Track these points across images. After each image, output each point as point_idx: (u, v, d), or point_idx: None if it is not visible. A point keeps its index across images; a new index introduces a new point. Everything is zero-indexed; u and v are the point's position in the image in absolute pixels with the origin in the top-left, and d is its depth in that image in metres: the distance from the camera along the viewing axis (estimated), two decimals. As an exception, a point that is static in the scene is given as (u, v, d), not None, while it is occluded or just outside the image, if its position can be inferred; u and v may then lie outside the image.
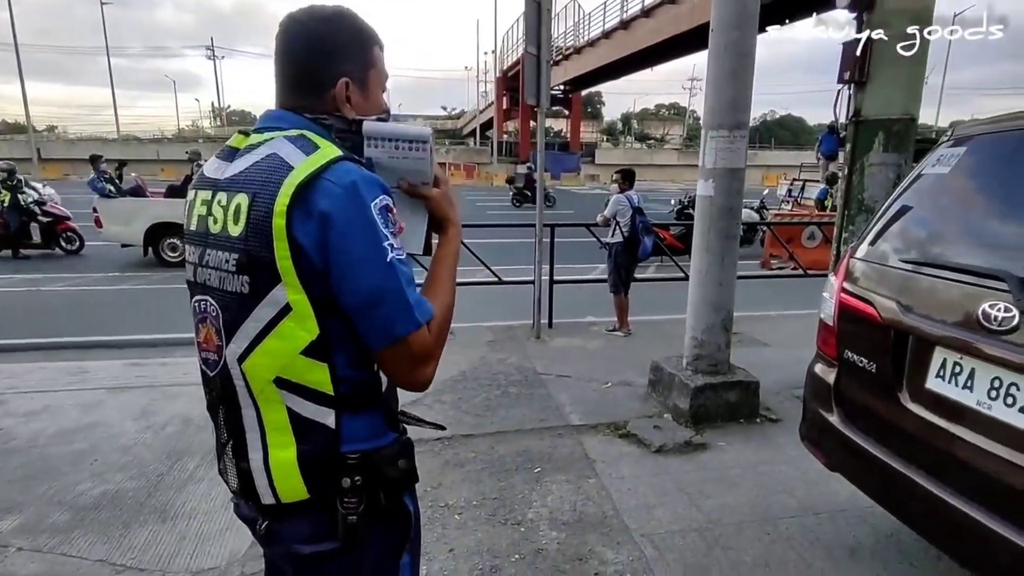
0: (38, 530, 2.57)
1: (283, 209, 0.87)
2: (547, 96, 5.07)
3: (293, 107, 1.01)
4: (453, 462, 3.18)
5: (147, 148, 40.79)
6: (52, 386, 4.40)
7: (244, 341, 0.94)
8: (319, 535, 0.98)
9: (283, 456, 0.96)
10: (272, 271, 0.89)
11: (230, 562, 2.36)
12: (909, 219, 2.10)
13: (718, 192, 3.57)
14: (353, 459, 0.96)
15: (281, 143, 0.94)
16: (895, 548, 2.46)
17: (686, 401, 3.61)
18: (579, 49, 33.39)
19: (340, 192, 0.88)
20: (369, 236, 0.88)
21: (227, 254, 0.93)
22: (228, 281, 0.94)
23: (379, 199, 0.91)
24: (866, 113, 3.72)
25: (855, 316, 2.11)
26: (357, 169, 0.91)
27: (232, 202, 0.93)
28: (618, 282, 5.59)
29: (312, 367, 0.93)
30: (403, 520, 1.06)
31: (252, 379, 0.96)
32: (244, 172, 0.94)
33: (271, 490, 0.97)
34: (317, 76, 1.00)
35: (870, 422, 2.02)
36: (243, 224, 0.90)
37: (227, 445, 1.03)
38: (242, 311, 0.94)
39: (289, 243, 0.87)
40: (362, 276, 0.89)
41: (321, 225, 0.87)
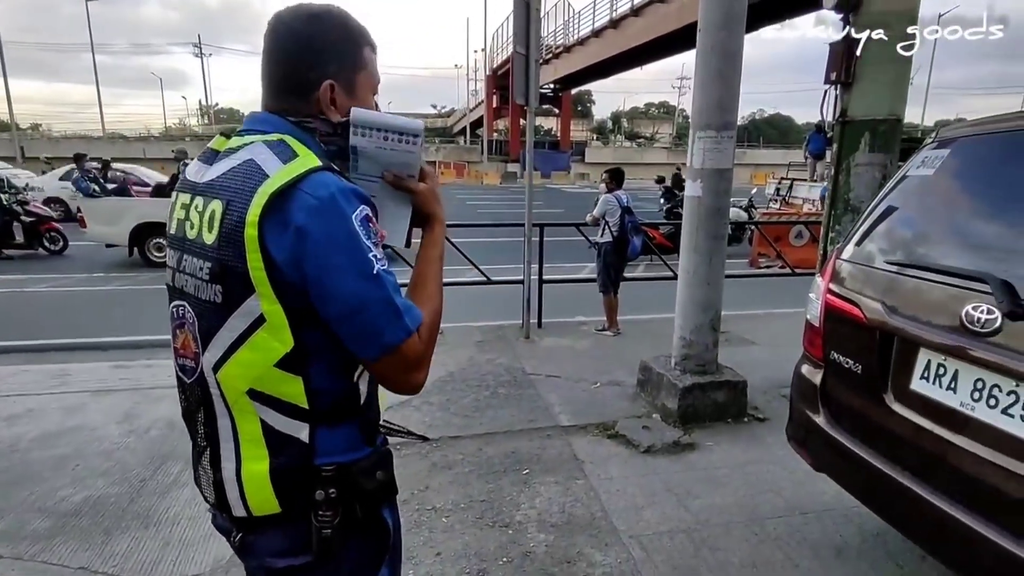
0: (18, 537, 2.53)
1: (255, 219, 0.84)
2: (536, 95, 5.05)
3: (278, 109, 0.98)
4: (441, 464, 3.16)
5: (133, 146, 40.32)
6: (35, 389, 4.33)
7: (219, 350, 0.92)
8: (292, 549, 0.96)
9: (256, 469, 0.94)
10: (245, 281, 0.86)
11: (214, 568, 2.33)
12: (894, 220, 2.11)
13: (706, 192, 3.58)
14: (328, 471, 0.94)
15: (259, 148, 0.90)
16: (881, 548, 2.47)
17: (674, 401, 3.61)
18: (569, 48, 33.43)
19: (318, 205, 0.84)
20: (352, 249, 0.85)
21: (201, 261, 0.91)
22: (202, 289, 0.91)
23: (359, 210, 0.88)
24: (852, 114, 3.74)
25: (841, 317, 2.12)
26: (336, 180, 0.88)
27: (208, 208, 0.90)
28: (607, 282, 5.59)
29: (286, 379, 0.91)
30: (381, 533, 1.03)
31: (226, 389, 0.93)
32: (221, 177, 0.91)
33: (242, 502, 0.95)
34: (302, 77, 0.96)
35: (856, 423, 2.03)
36: (216, 232, 0.88)
37: (202, 454, 1.01)
38: (216, 320, 0.91)
39: (262, 254, 0.84)
40: (348, 290, 0.86)
41: (298, 239, 0.84)
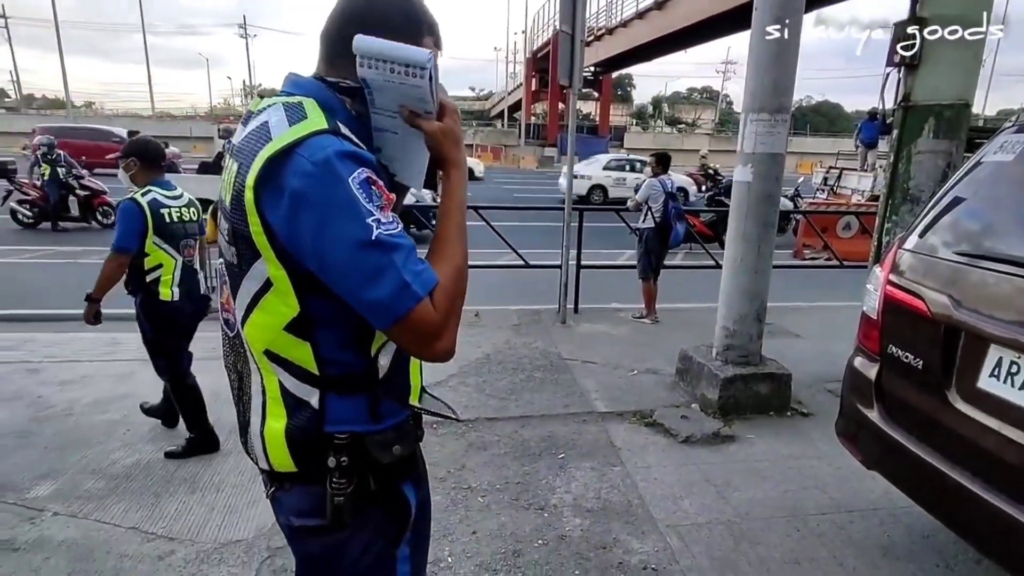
0: (73, 496, 2.64)
1: (252, 183, 0.83)
2: (580, 77, 4.95)
3: (322, 73, 0.95)
4: (477, 445, 3.17)
5: (180, 125, 41.42)
6: (88, 356, 4.51)
7: (241, 310, 0.94)
8: (309, 510, 0.97)
9: (275, 426, 0.95)
10: (251, 245, 0.86)
11: (256, 535, 2.39)
12: (965, 209, 1.99)
13: (757, 177, 3.45)
14: (341, 439, 0.93)
15: (276, 110, 0.88)
16: (931, 549, 2.37)
17: (715, 392, 3.53)
18: (611, 30, 32.74)
19: (312, 169, 0.80)
20: (349, 215, 0.80)
21: (225, 223, 0.91)
22: (227, 250, 0.93)
23: (358, 172, 0.82)
24: (916, 98, 3.54)
25: (902, 310, 2.02)
26: (335, 141, 0.84)
27: (231, 170, 0.89)
28: (648, 268, 5.49)
29: (295, 344, 0.91)
30: (400, 510, 1.02)
31: (251, 346, 0.95)
32: (243, 139, 0.90)
33: (265, 456, 0.98)
34: (348, 41, 0.92)
35: (914, 420, 1.94)
36: (230, 195, 0.88)
37: (239, 405, 1.05)
38: (236, 280, 0.93)
39: (260, 219, 0.83)
40: (347, 258, 0.81)
41: (292, 205, 0.81)
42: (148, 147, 2.97)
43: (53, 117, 41.43)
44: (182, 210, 2.99)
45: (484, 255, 6.65)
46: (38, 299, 6.15)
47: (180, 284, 2.98)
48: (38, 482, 2.73)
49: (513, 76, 53.16)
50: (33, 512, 2.51)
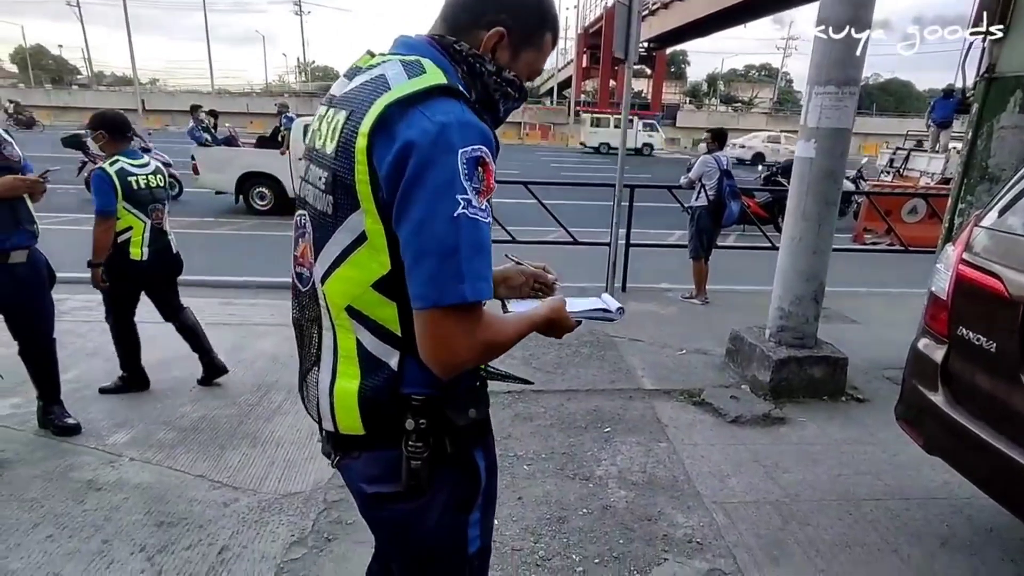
0: (147, 444, 2.83)
1: (367, 130, 0.82)
2: (636, 50, 4.84)
3: (438, 34, 0.96)
4: (523, 415, 3.22)
5: (237, 101, 42.66)
6: (155, 318, 4.76)
7: (326, 263, 0.92)
8: (382, 476, 0.97)
9: (347, 386, 0.95)
10: (352, 195, 0.85)
11: (314, 489, 2.51)
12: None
13: (820, 153, 3.32)
14: (417, 400, 0.92)
15: (393, 65, 0.89)
16: (995, 543, 2.29)
17: (767, 373, 3.46)
18: (667, 3, 31.70)
19: (430, 128, 0.80)
20: (443, 182, 0.80)
21: (321, 171, 0.91)
22: (319, 199, 0.92)
23: (471, 148, 0.82)
24: (1002, 68, 3.31)
25: (976, 290, 1.92)
26: (461, 109, 0.84)
27: (335, 118, 0.90)
28: (699, 247, 5.38)
29: (382, 302, 0.89)
30: (472, 475, 1.02)
31: (330, 302, 0.94)
32: (353, 90, 0.91)
33: (331, 417, 0.97)
34: (476, 13, 0.95)
35: (984, 405, 1.86)
36: (336, 142, 0.87)
37: (305, 362, 1.05)
38: (326, 232, 0.91)
39: (368, 165, 0.83)
40: (421, 221, 0.80)
41: (401, 155, 0.80)
42: (115, 120, 3.19)
43: (121, 93, 43.38)
44: (149, 177, 3.23)
45: (533, 232, 6.66)
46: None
47: (150, 245, 3.27)
48: (116, 430, 2.94)
49: (563, 53, 52.29)
50: (112, 456, 2.71)
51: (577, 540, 2.26)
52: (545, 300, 1.08)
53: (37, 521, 2.26)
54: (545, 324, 1.02)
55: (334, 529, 2.27)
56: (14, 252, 2.65)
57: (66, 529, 2.23)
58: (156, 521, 2.29)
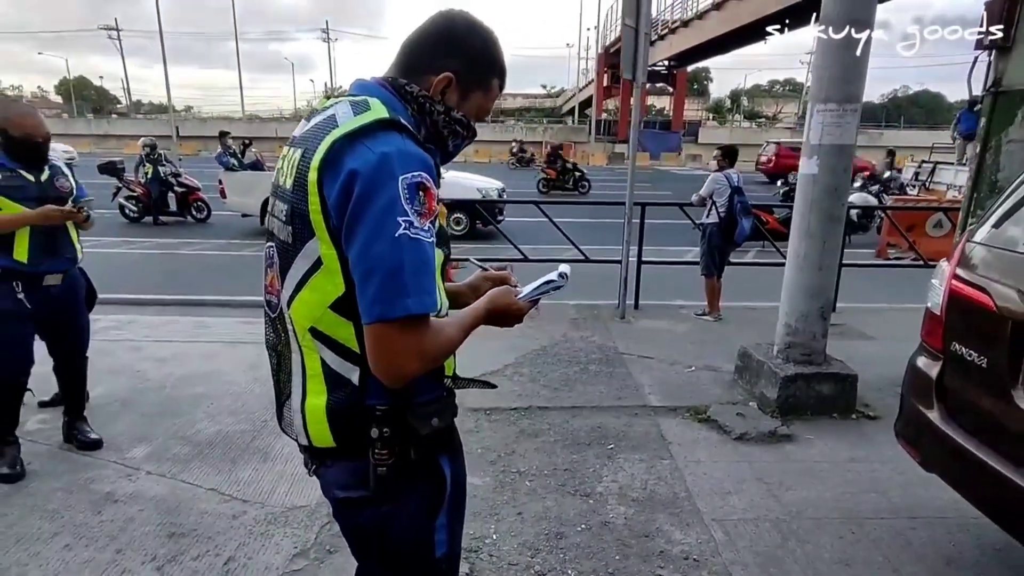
0: (163, 459, 2.94)
1: (317, 164, 0.91)
2: (644, 70, 4.91)
3: (389, 78, 1.05)
4: (528, 432, 3.25)
5: (267, 126, 43.95)
6: (180, 337, 4.95)
7: (290, 288, 1.00)
8: (351, 483, 1.04)
9: (316, 403, 1.02)
10: (308, 224, 0.93)
11: (319, 503, 2.57)
12: (1041, 199, 1.87)
13: (823, 170, 3.33)
14: (381, 410, 0.98)
15: (342, 105, 0.98)
16: (1003, 563, 2.24)
17: (774, 390, 3.44)
18: (686, 22, 31.84)
19: (371, 157, 0.88)
20: (385, 205, 0.87)
21: (283, 204, 1.00)
22: (282, 230, 1.01)
23: (411, 174, 0.89)
24: (1009, 82, 3.30)
25: (967, 305, 1.92)
26: (400, 140, 0.92)
27: (293, 156, 0.99)
28: (711, 264, 5.38)
29: (340, 322, 0.97)
30: (436, 482, 1.08)
31: (296, 325, 1.02)
32: (309, 130, 1.00)
33: (305, 432, 1.05)
34: (428, 58, 1.03)
35: (976, 421, 1.85)
36: (292, 177, 0.96)
37: (278, 383, 1.13)
38: (288, 259, 1.00)
39: (320, 197, 0.91)
40: (366, 241, 0.88)
41: (346, 184, 0.88)
42: None
43: (157, 121, 45.10)
44: None
45: (545, 250, 6.72)
46: (140, 285, 6.78)
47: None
48: (135, 444, 3.06)
49: (585, 72, 52.77)
50: (130, 470, 2.83)
51: (574, 556, 2.28)
52: (486, 294, 1.11)
53: (56, 531, 2.38)
54: (488, 316, 1.08)
55: (335, 542, 2.33)
56: (48, 276, 2.78)
57: (83, 539, 2.33)
58: (168, 532, 2.38)
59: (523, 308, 1.12)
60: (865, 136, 39.05)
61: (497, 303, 1.09)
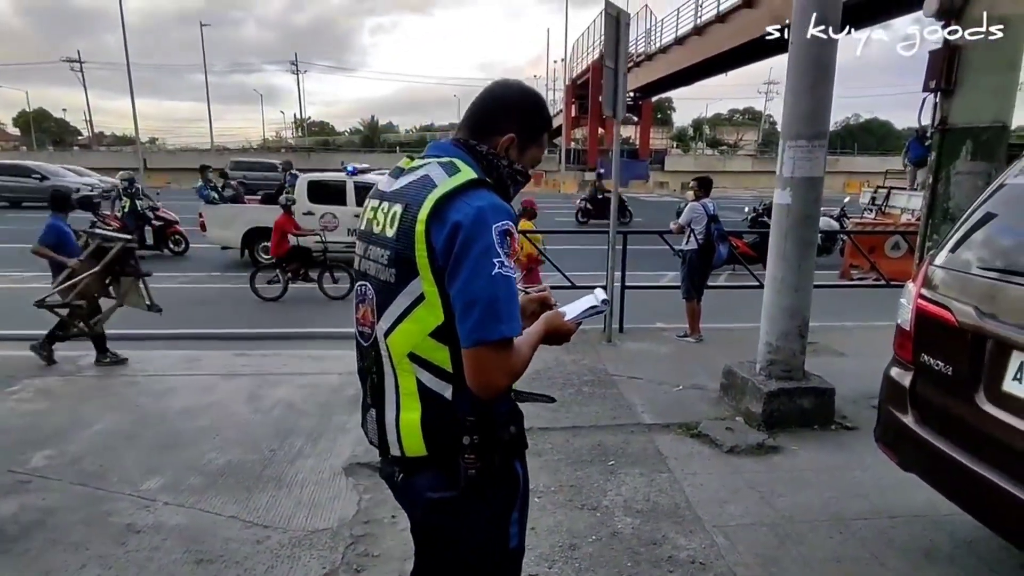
0: (178, 489, 3.00)
1: (424, 217, 1.09)
2: (623, 107, 5.24)
3: (462, 139, 1.26)
4: (532, 452, 3.34)
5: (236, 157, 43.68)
6: (173, 371, 4.97)
7: (389, 320, 1.18)
8: (442, 485, 1.19)
9: (410, 417, 1.18)
10: (413, 266, 1.11)
11: (340, 525, 2.68)
12: (990, 228, 2.15)
13: (796, 200, 3.63)
14: (470, 421, 1.15)
15: (434, 167, 1.18)
16: (974, 554, 2.47)
17: (759, 405, 3.67)
18: (651, 56, 33.14)
19: (470, 211, 1.07)
20: (483, 249, 1.05)
21: (383, 250, 1.18)
22: (382, 272, 1.18)
23: (501, 223, 1.08)
24: (953, 121, 3.67)
25: (932, 321, 2.18)
26: (489, 195, 1.12)
27: (391, 210, 1.18)
28: (691, 288, 5.66)
29: (437, 347, 1.14)
30: (513, 481, 1.26)
31: (393, 352, 1.19)
32: (404, 187, 1.19)
33: (399, 444, 1.21)
34: (495, 123, 1.25)
35: (945, 423, 2.09)
36: (396, 227, 1.15)
37: (370, 404, 1.28)
38: (389, 296, 1.17)
39: (427, 244, 1.09)
40: (468, 279, 1.05)
41: (452, 233, 1.06)
42: None
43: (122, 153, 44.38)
44: None
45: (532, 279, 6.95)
46: (123, 320, 6.72)
47: None
48: (148, 477, 3.11)
49: (553, 103, 54.08)
50: (147, 501, 2.88)
51: (588, 565, 2.43)
52: (540, 317, 1.30)
53: (84, 562, 2.42)
54: (547, 336, 1.26)
55: (362, 561, 2.44)
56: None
57: (112, 569, 2.39)
58: (195, 559, 2.45)
59: (572, 328, 1.31)
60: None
61: (552, 325, 1.28)
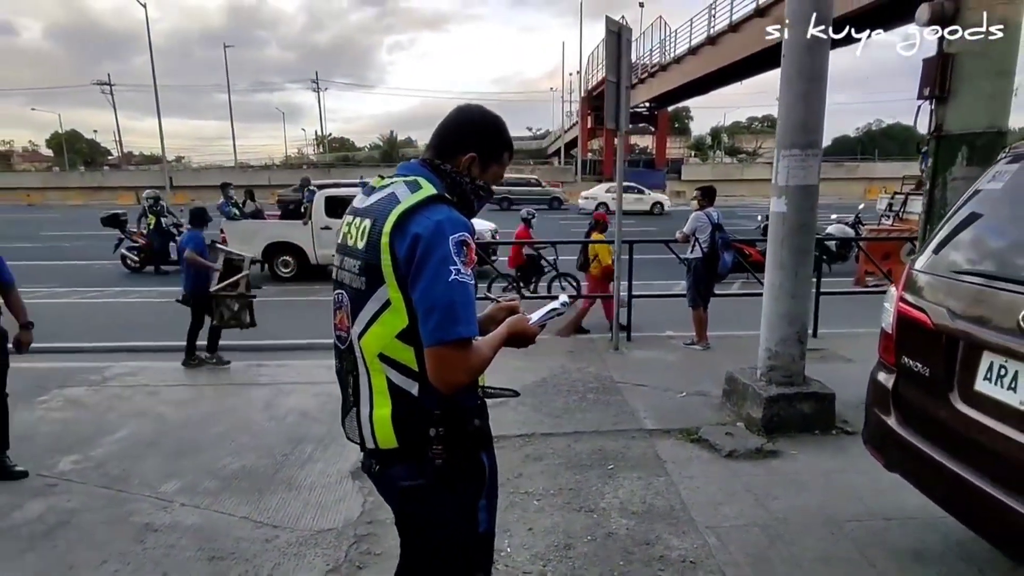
0: (194, 492, 3.15)
1: (388, 229, 1.22)
2: (626, 120, 5.35)
3: (427, 159, 1.39)
4: (533, 456, 3.49)
5: (259, 174, 44.66)
6: (193, 381, 5.17)
7: (361, 325, 1.30)
8: (413, 474, 1.31)
9: (381, 413, 1.30)
10: (380, 275, 1.23)
11: (345, 525, 2.80)
12: (965, 233, 2.21)
13: (791, 209, 3.70)
14: (436, 414, 1.26)
15: (400, 185, 1.31)
16: (963, 555, 2.49)
17: (759, 410, 3.72)
18: (665, 66, 33.24)
19: (429, 224, 1.19)
20: (440, 258, 1.16)
21: (355, 261, 1.31)
22: (354, 280, 1.31)
23: (458, 235, 1.20)
24: (948, 128, 3.71)
25: (911, 324, 2.24)
26: (447, 210, 1.24)
27: (362, 224, 1.31)
28: (696, 297, 5.71)
29: (403, 348, 1.25)
30: (478, 471, 1.37)
31: (366, 353, 1.31)
32: (373, 204, 1.32)
33: (372, 438, 1.33)
34: (458, 144, 1.37)
35: (924, 423, 2.14)
36: (365, 240, 1.28)
37: (348, 402, 1.40)
38: (361, 302, 1.29)
39: (391, 254, 1.21)
40: (427, 285, 1.16)
41: (412, 244, 1.18)
42: None
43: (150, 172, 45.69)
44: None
45: (540, 287, 7.06)
46: (144, 333, 7.00)
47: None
48: (166, 480, 3.27)
49: (569, 115, 54.37)
50: (165, 503, 3.03)
51: (582, 564, 2.51)
52: (504, 321, 1.40)
53: (104, 559, 2.58)
54: (508, 337, 1.36)
55: (364, 559, 2.55)
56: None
57: (130, 565, 2.54)
58: (208, 556, 2.59)
59: (534, 331, 1.42)
60: (843, 169, 40.37)
61: (514, 328, 1.38)
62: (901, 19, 15.40)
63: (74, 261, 12.52)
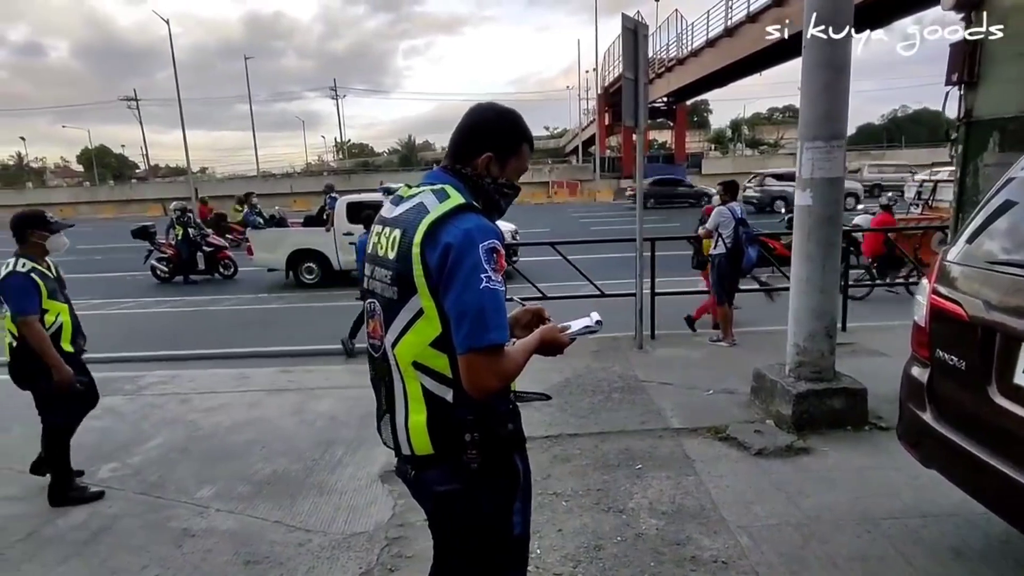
0: (229, 497, 3.22)
1: (419, 240, 1.23)
2: (645, 117, 5.31)
3: (448, 165, 1.39)
4: (561, 457, 3.49)
5: (281, 183, 45.42)
6: (223, 388, 5.27)
7: (395, 333, 1.31)
8: (448, 479, 1.32)
9: (417, 419, 1.31)
10: (411, 284, 1.24)
11: (376, 528, 2.83)
12: (999, 223, 2.15)
13: (816, 201, 3.63)
14: (470, 419, 1.27)
15: (427, 194, 1.31)
16: (1008, 553, 2.43)
17: (788, 407, 3.66)
18: (682, 60, 32.86)
19: (459, 233, 1.20)
20: (471, 266, 1.17)
21: (386, 271, 1.32)
22: (386, 290, 1.33)
23: (488, 242, 1.21)
24: (979, 113, 3.62)
25: (945, 317, 2.19)
26: (476, 217, 1.24)
27: (392, 234, 1.32)
28: (721, 293, 5.65)
29: (437, 355, 1.26)
30: (513, 474, 1.38)
31: (400, 361, 1.32)
32: (402, 214, 1.33)
33: (408, 444, 1.34)
34: (473, 145, 1.37)
35: (961, 417, 2.09)
36: (396, 250, 1.28)
37: (383, 409, 1.42)
38: (393, 311, 1.30)
39: (422, 264, 1.22)
40: (459, 293, 1.18)
41: (444, 253, 1.19)
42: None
43: (176, 183, 46.74)
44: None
45: (563, 287, 7.04)
46: (177, 341, 7.16)
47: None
48: (201, 486, 3.34)
49: (586, 112, 54.16)
50: (201, 508, 3.10)
51: (612, 565, 2.51)
52: (537, 329, 1.41)
53: (145, 564, 2.65)
54: (540, 346, 1.37)
55: (396, 562, 2.58)
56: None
57: (169, 568, 2.60)
58: (244, 560, 2.64)
59: (565, 342, 1.41)
60: (868, 158, 39.48)
61: (546, 337, 1.39)
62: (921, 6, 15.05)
63: (107, 273, 12.87)
